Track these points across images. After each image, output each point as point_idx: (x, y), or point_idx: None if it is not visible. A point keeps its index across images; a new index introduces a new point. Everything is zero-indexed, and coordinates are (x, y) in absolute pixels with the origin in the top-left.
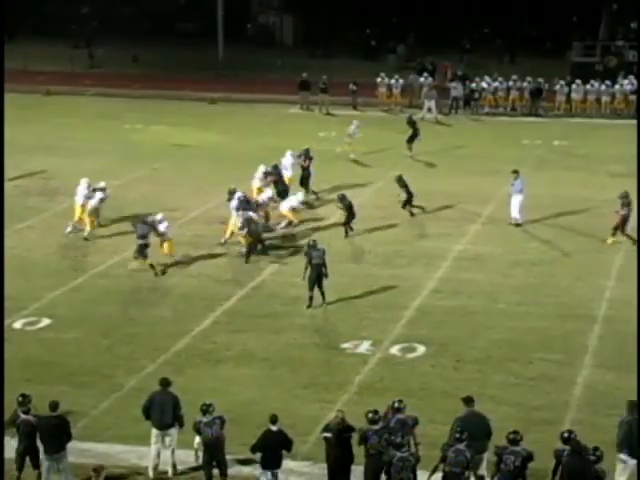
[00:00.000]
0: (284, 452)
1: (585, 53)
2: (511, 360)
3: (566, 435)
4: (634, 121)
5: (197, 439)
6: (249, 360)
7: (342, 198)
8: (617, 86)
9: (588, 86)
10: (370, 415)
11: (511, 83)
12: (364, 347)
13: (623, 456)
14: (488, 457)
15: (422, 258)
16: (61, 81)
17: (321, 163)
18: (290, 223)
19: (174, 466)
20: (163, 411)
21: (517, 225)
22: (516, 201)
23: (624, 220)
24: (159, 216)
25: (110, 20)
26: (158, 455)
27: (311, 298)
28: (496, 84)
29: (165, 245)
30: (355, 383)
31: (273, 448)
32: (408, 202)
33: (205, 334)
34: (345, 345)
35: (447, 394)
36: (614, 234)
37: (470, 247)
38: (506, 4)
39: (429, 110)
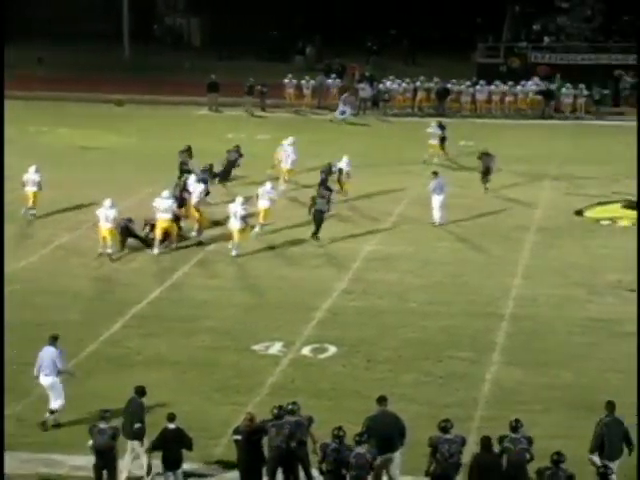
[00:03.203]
0: (187, 452)
1: (489, 54)
2: (422, 359)
3: (514, 423)
4: (538, 121)
5: (90, 442)
6: (160, 364)
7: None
8: (519, 87)
9: (492, 87)
10: (275, 411)
11: (418, 84)
12: (276, 348)
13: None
14: (412, 455)
15: (332, 259)
16: None
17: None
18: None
19: (149, 468)
20: (132, 421)
21: (435, 225)
22: (436, 202)
23: None
24: None
25: (14, 22)
26: (130, 462)
27: (315, 234)
28: (404, 85)
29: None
30: (267, 385)
31: (172, 446)
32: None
33: (115, 338)
34: (256, 347)
35: (358, 394)
36: None
37: (380, 247)
38: (411, 6)
39: (342, 113)
